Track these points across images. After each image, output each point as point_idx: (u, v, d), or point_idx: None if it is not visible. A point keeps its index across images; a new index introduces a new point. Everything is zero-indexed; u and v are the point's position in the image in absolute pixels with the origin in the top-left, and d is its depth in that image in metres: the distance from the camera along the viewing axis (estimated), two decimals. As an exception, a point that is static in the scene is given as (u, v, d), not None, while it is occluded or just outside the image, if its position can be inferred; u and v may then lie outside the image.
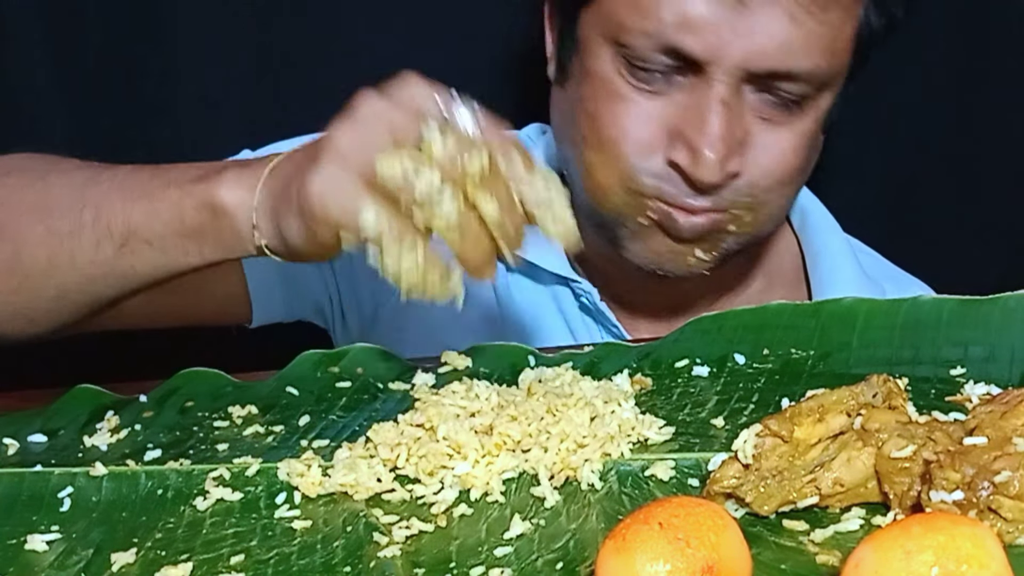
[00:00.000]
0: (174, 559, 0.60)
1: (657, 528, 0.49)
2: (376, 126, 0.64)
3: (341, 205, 0.63)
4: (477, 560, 0.57)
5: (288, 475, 0.67)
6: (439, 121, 0.64)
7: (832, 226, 1.03)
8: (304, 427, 0.74)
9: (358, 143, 0.64)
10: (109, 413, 0.78)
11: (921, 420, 0.60)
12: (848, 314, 0.78)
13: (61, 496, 0.67)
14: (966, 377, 0.71)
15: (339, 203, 0.63)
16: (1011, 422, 0.57)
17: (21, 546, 0.63)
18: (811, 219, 1.03)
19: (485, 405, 0.69)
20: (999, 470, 0.54)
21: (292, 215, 0.66)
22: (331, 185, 0.63)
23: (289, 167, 0.69)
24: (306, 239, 0.66)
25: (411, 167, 0.62)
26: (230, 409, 0.77)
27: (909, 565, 0.44)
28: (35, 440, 0.75)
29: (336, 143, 0.64)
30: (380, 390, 0.78)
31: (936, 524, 0.46)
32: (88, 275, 0.76)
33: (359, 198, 0.62)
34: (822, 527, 0.57)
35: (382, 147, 0.63)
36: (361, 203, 0.62)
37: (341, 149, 0.64)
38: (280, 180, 0.68)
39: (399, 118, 0.65)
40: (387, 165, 0.62)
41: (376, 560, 0.58)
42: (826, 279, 0.99)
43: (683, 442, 0.67)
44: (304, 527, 0.62)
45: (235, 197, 0.70)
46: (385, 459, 0.66)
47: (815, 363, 0.75)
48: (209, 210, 0.71)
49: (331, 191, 0.63)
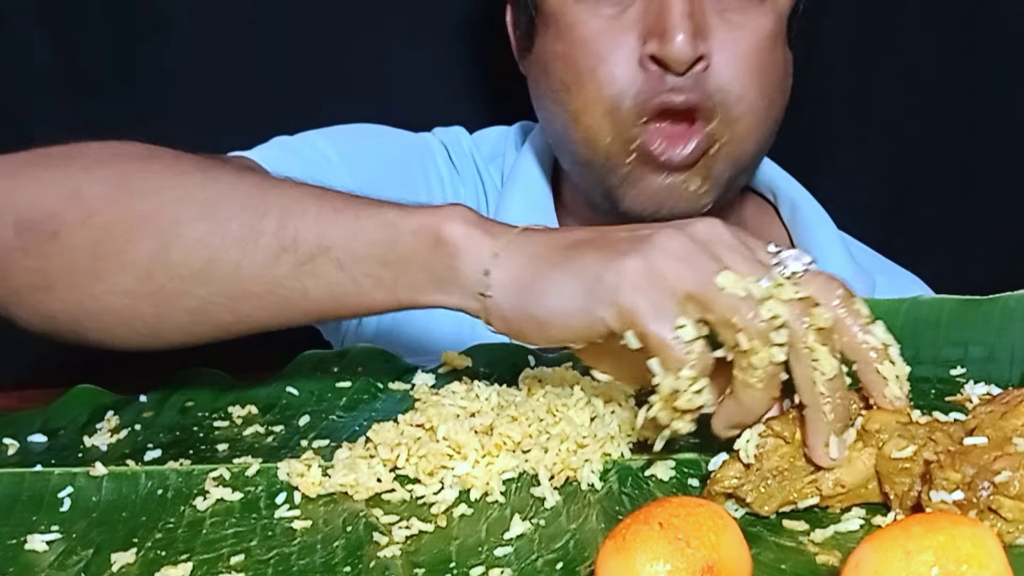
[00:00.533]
0: (174, 559, 0.60)
1: (657, 528, 0.49)
2: (715, 248, 0.59)
3: (658, 304, 0.57)
4: (477, 560, 0.57)
5: (288, 475, 0.66)
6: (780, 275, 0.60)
7: (823, 218, 1.03)
8: (304, 427, 0.74)
9: (694, 252, 0.58)
10: (109, 413, 0.78)
11: (922, 420, 0.60)
12: (848, 314, 0.77)
13: (61, 496, 0.67)
14: (966, 377, 0.71)
15: (656, 301, 0.57)
16: (1011, 422, 0.57)
17: (21, 546, 0.63)
18: (801, 211, 1.03)
19: (485, 405, 0.69)
20: (999, 470, 0.54)
21: (571, 280, 0.59)
22: (654, 278, 0.57)
23: (567, 238, 0.62)
24: (575, 310, 0.59)
25: (757, 292, 0.57)
26: (230, 409, 0.77)
27: (909, 565, 0.44)
28: (35, 440, 0.75)
29: (668, 242, 0.59)
30: (380, 390, 0.78)
31: (936, 524, 0.46)
32: (247, 291, 0.66)
33: (678, 305, 0.57)
34: (822, 527, 0.57)
35: (719, 266, 0.58)
36: (679, 311, 0.57)
37: (673, 249, 0.58)
38: (550, 243, 0.62)
39: (743, 252, 0.59)
40: (732, 281, 0.57)
41: (376, 560, 0.58)
42: None
43: (683, 442, 0.67)
44: (304, 527, 0.62)
45: (469, 233, 0.62)
46: (385, 459, 0.66)
47: (815, 363, 0.75)
48: (431, 238, 0.63)
49: (651, 285, 0.57)
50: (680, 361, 0.57)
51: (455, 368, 0.79)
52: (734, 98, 0.87)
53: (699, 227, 0.60)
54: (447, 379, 0.75)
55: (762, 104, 0.89)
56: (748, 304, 0.57)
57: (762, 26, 0.88)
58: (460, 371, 0.79)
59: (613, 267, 0.58)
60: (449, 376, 0.77)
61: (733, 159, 0.89)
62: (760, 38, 0.88)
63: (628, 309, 0.58)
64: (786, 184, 1.05)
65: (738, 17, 0.87)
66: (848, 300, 0.60)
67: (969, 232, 1.26)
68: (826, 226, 1.03)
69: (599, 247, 0.60)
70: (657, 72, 0.85)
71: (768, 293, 0.58)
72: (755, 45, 0.88)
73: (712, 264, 0.58)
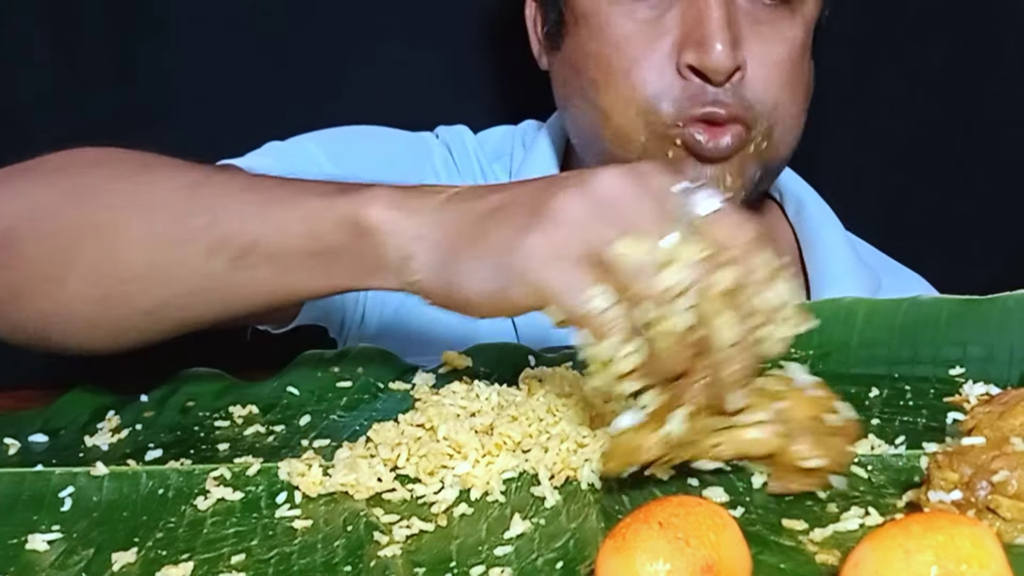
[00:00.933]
0: (175, 559, 0.60)
1: (657, 527, 0.49)
2: (618, 206, 0.58)
3: (565, 278, 0.57)
4: (477, 559, 0.58)
5: (289, 475, 0.67)
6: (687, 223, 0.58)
7: (829, 216, 1.04)
8: (305, 427, 0.74)
9: (594, 216, 0.58)
10: (110, 413, 0.78)
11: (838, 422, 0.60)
12: (847, 314, 0.78)
13: (62, 496, 0.67)
14: (965, 377, 0.72)
15: (564, 275, 0.57)
16: (1009, 422, 0.57)
17: (22, 546, 0.63)
18: (807, 209, 1.04)
19: (485, 405, 0.69)
20: (997, 470, 0.54)
21: (482, 263, 0.59)
22: (558, 252, 0.57)
23: (481, 207, 0.61)
24: (492, 293, 0.59)
25: (659, 258, 0.56)
26: (231, 409, 0.77)
27: (909, 565, 0.44)
28: (36, 440, 0.75)
29: (568, 209, 0.58)
30: (380, 390, 0.78)
31: (935, 524, 0.46)
32: (192, 289, 0.68)
33: (586, 276, 0.57)
34: (821, 526, 0.58)
35: (621, 228, 0.57)
36: (588, 282, 0.57)
37: (573, 217, 0.57)
38: (464, 217, 0.61)
39: (646, 207, 0.58)
40: (631, 247, 0.56)
41: (376, 559, 0.58)
42: (823, 269, 1.00)
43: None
44: (305, 526, 0.62)
45: (388, 218, 0.62)
46: (385, 459, 0.66)
47: (814, 363, 0.75)
48: (353, 228, 0.63)
49: (557, 259, 0.57)
50: (601, 330, 0.57)
51: (455, 368, 0.80)
52: (769, 107, 0.88)
53: (603, 182, 0.59)
54: (447, 379, 0.75)
55: (794, 112, 0.91)
56: (647, 272, 0.56)
57: (792, 37, 0.89)
58: (460, 371, 0.79)
59: (518, 246, 0.58)
60: (449, 376, 0.78)
61: (765, 162, 0.91)
62: (791, 48, 0.89)
63: (539, 287, 0.58)
64: (792, 183, 1.06)
65: (769, 29, 0.88)
66: (754, 248, 0.59)
67: (969, 232, 1.26)
68: (832, 225, 1.03)
69: (506, 219, 0.59)
70: (697, 83, 0.86)
71: (669, 256, 0.56)
72: (787, 56, 0.89)
73: (612, 229, 0.57)
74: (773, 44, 0.89)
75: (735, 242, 0.58)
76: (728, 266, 0.57)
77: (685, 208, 0.59)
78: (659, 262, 0.56)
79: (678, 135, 0.87)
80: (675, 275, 0.56)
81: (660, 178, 0.60)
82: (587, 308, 0.57)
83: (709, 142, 0.87)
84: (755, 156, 0.90)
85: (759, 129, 0.88)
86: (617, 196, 0.58)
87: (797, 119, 0.92)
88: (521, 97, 1.06)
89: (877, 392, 0.72)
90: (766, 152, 0.90)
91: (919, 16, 1.21)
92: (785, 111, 0.90)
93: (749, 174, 0.90)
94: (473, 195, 0.63)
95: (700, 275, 0.57)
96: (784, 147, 0.92)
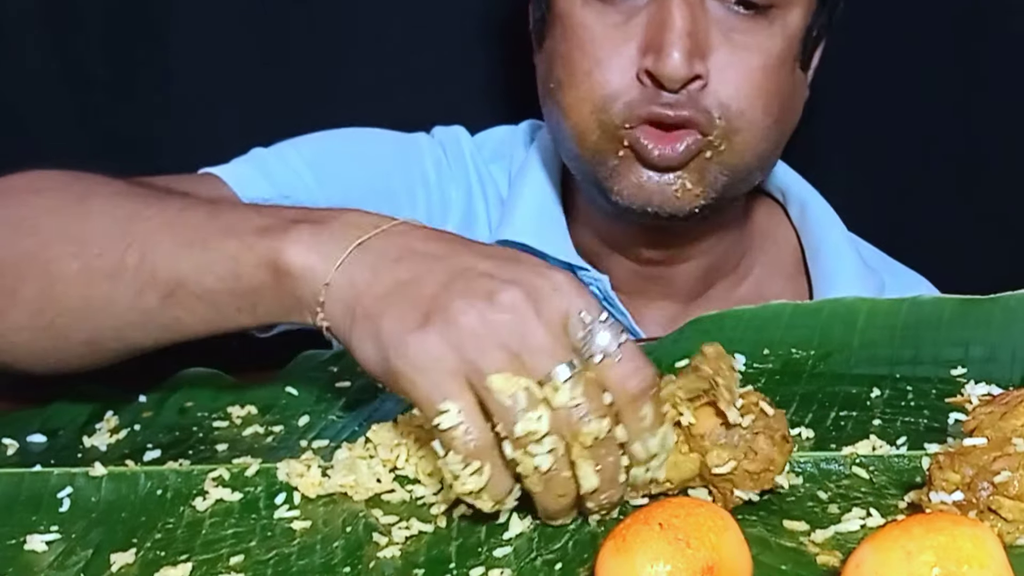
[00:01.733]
0: (173, 559, 0.60)
1: (657, 528, 0.49)
2: (511, 328, 0.57)
3: (431, 387, 0.57)
4: (476, 560, 0.57)
5: (288, 475, 0.66)
6: (577, 358, 0.57)
7: (832, 219, 1.03)
8: (304, 427, 0.74)
9: (482, 335, 0.57)
10: (108, 413, 0.78)
11: (744, 422, 0.59)
12: (849, 314, 0.78)
13: (60, 496, 0.67)
14: (967, 377, 0.71)
15: (430, 383, 0.57)
16: (1011, 423, 0.57)
17: (20, 546, 0.63)
18: (810, 212, 1.03)
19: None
20: (999, 470, 0.54)
21: (372, 344, 0.59)
22: (435, 360, 0.57)
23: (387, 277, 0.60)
24: (376, 371, 0.60)
25: (524, 401, 0.56)
26: (229, 409, 0.77)
27: (910, 565, 0.44)
28: (34, 440, 0.75)
29: (463, 322, 0.57)
30: (380, 390, 0.78)
31: (937, 525, 0.46)
32: (127, 322, 0.69)
33: (450, 393, 0.57)
34: (822, 527, 0.57)
35: (506, 355, 0.57)
36: (450, 400, 0.57)
37: (461, 328, 0.57)
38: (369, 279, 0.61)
39: (539, 338, 0.57)
40: (500, 383, 0.56)
41: (375, 560, 0.58)
42: (827, 272, 0.99)
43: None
44: (303, 527, 0.62)
45: (305, 262, 0.62)
46: (384, 459, 0.66)
47: (815, 363, 0.75)
48: (271, 270, 0.63)
49: (432, 366, 0.57)
50: (446, 443, 0.57)
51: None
52: (734, 113, 0.86)
53: (506, 299, 0.58)
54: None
55: (765, 122, 0.88)
56: (511, 413, 0.56)
57: (769, 47, 0.87)
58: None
59: (401, 343, 0.58)
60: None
61: (730, 168, 0.88)
62: (766, 59, 0.87)
63: (406, 389, 0.58)
64: (795, 184, 1.05)
65: (744, 38, 0.86)
66: (639, 400, 0.58)
67: (969, 232, 1.26)
68: (835, 227, 1.02)
69: (402, 308, 0.59)
70: (652, 88, 0.85)
71: (536, 401, 0.56)
72: (760, 66, 0.87)
73: (495, 357, 0.56)
74: (744, 52, 0.86)
75: (623, 389, 0.57)
76: (602, 417, 0.56)
77: (584, 342, 0.57)
78: (528, 403, 0.56)
79: (626, 136, 0.86)
80: (537, 422, 0.56)
81: (566, 302, 0.58)
82: (437, 421, 0.57)
83: (655, 149, 0.85)
84: (716, 162, 0.87)
85: (717, 134, 0.86)
86: (516, 320, 0.57)
87: (769, 129, 0.89)
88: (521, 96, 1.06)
89: (879, 392, 0.71)
90: (727, 157, 0.87)
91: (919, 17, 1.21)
92: (752, 120, 0.87)
93: (710, 180, 0.88)
94: (388, 250, 0.62)
95: (565, 425, 0.56)
96: (751, 155, 0.89)
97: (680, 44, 0.83)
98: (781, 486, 0.60)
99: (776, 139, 0.91)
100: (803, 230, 1.03)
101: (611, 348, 0.57)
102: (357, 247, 0.62)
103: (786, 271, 1.03)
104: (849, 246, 1.02)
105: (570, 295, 0.58)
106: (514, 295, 0.58)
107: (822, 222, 1.02)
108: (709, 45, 0.85)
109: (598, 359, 0.57)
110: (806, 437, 0.67)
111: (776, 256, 1.04)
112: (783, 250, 1.04)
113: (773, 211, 1.06)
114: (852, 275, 0.98)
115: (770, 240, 1.04)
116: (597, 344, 0.57)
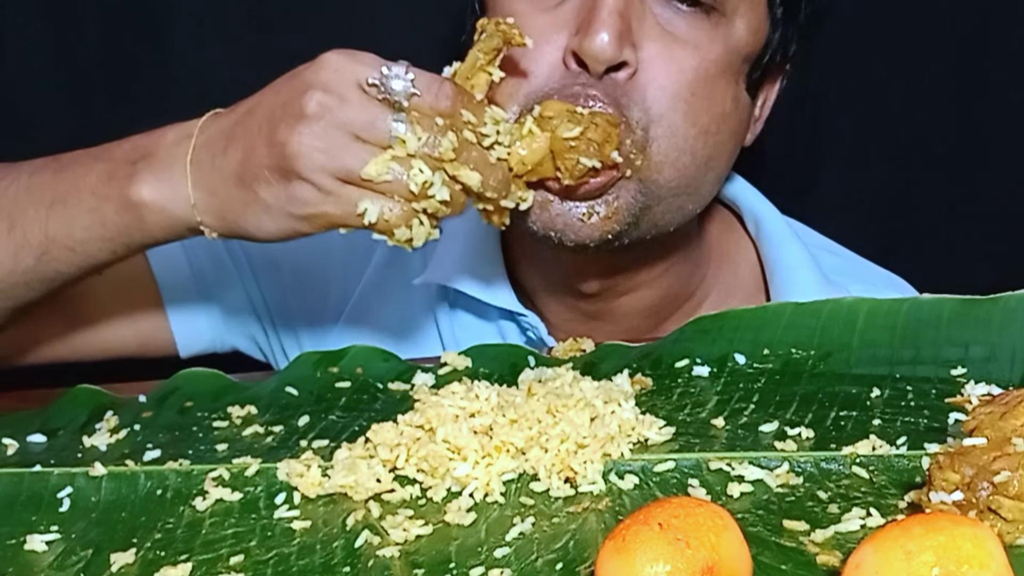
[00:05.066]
0: (173, 559, 0.60)
1: (657, 529, 0.49)
2: (337, 123, 0.69)
3: (340, 207, 0.70)
4: (477, 560, 0.57)
5: (287, 475, 0.66)
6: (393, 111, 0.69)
7: (786, 235, 0.97)
8: (303, 427, 0.74)
9: (326, 145, 0.69)
10: (108, 413, 0.78)
11: (585, 112, 0.76)
12: (849, 314, 0.77)
13: (60, 496, 0.67)
14: (967, 377, 0.71)
15: (338, 205, 0.69)
16: (1010, 422, 0.57)
17: (20, 546, 0.63)
18: (765, 228, 0.97)
19: (485, 405, 0.69)
20: (999, 470, 0.54)
21: (266, 216, 0.71)
22: (323, 193, 0.69)
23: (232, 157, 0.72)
24: (283, 236, 0.72)
25: (398, 168, 0.69)
26: (229, 409, 0.77)
27: (910, 565, 0.44)
28: (34, 440, 0.75)
29: (300, 148, 0.69)
30: (379, 390, 0.78)
31: (937, 525, 0.46)
32: (12, 284, 0.78)
33: (352, 198, 0.69)
34: (822, 527, 0.57)
35: (355, 145, 0.69)
36: (359, 202, 0.69)
37: (311, 152, 0.69)
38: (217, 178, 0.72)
39: (360, 116, 0.69)
40: (376, 169, 0.69)
41: (375, 560, 0.58)
42: (783, 289, 0.93)
43: (683, 442, 0.67)
44: (303, 527, 0.62)
45: (155, 191, 0.73)
46: (384, 459, 0.66)
47: (815, 363, 0.75)
48: (131, 211, 0.74)
49: (326, 196, 0.69)
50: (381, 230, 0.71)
51: (455, 368, 0.79)
52: (653, 116, 0.80)
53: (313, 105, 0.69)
54: (447, 379, 0.75)
55: (688, 132, 0.81)
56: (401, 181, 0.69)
57: (706, 50, 0.81)
58: (460, 371, 0.79)
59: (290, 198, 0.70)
60: (449, 376, 0.77)
61: (644, 189, 0.81)
62: (701, 61, 0.81)
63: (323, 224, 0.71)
64: (748, 199, 0.99)
65: (683, 33, 0.81)
66: (455, 105, 0.71)
67: (969, 232, 1.26)
68: (790, 243, 0.96)
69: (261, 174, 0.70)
70: (576, 71, 0.79)
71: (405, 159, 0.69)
72: (692, 67, 0.81)
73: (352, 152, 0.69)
74: (679, 49, 0.81)
75: (441, 110, 0.70)
76: (444, 134, 0.70)
77: (388, 95, 0.69)
78: (403, 165, 0.69)
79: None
80: (417, 173, 0.69)
81: (354, 71, 0.70)
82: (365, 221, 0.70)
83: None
84: (632, 183, 0.80)
85: (634, 142, 0.79)
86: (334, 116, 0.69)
87: (693, 139, 0.82)
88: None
89: (878, 392, 0.71)
90: (646, 175, 0.80)
91: (919, 17, 1.21)
92: (675, 127, 0.81)
93: (625, 206, 0.81)
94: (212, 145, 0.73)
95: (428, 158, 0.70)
96: (671, 172, 0.81)
97: (610, 23, 0.78)
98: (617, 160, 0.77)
99: (703, 156, 0.83)
100: (760, 244, 0.97)
101: (409, 88, 0.70)
102: (191, 164, 0.73)
103: (746, 291, 0.98)
104: (806, 260, 0.95)
105: (349, 67, 0.70)
106: (315, 100, 0.69)
107: (777, 241, 0.96)
108: (643, 34, 0.80)
109: (406, 102, 0.70)
110: (806, 437, 0.67)
111: (734, 276, 0.98)
112: (741, 268, 0.98)
113: (730, 226, 1.00)
114: (810, 292, 0.91)
115: (727, 260, 0.98)
116: (398, 92, 0.69)
